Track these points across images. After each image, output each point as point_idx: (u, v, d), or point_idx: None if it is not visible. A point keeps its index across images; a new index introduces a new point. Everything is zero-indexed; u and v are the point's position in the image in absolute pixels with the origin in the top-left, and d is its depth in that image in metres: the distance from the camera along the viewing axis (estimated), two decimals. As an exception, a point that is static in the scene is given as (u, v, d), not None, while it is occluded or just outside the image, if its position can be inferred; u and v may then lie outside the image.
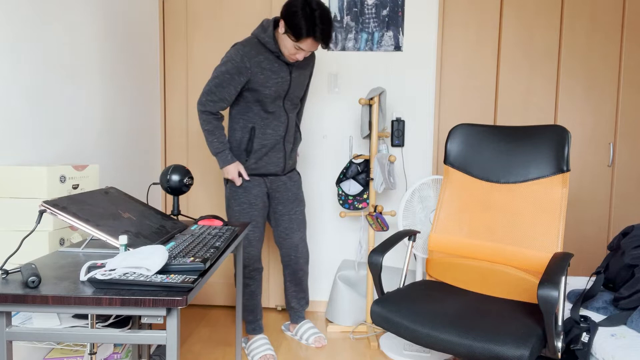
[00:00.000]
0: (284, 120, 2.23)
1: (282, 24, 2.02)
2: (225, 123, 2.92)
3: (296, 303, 2.54)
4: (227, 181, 2.28)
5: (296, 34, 1.97)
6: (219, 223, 1.76)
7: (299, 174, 2.45)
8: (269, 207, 2.38)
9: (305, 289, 2.54)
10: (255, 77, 2.10)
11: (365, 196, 2.64)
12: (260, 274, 2.37)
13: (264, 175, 2.28)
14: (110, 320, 1.63)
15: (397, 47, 2.83)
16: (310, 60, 2.30)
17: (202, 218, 1.76)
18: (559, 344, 1.42)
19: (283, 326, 2.71)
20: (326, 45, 2.05)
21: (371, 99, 2.53)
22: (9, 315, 1.10)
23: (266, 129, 2.20)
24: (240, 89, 2.12)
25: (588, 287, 2.05)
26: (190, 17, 2.89)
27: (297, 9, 1.95)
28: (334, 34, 2.80)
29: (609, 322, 1.73)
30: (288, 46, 2.05)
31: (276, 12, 2.86)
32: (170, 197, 3.00)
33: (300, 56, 2.08)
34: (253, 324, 2.41)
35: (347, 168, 2.65)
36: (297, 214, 2.39)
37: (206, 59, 2.91)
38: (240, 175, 2.22)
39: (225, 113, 2.94)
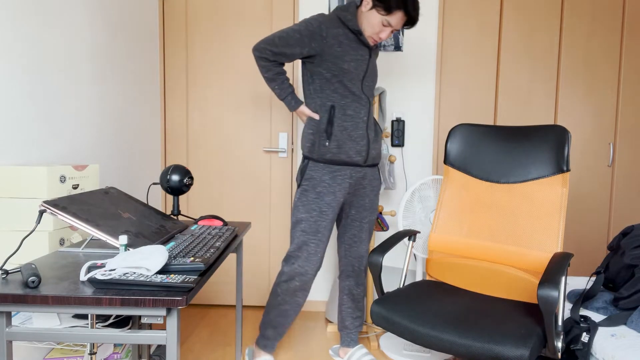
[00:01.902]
0: (365, 103, 2.02)
1: (367, 0, 1.94)
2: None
3: (351, 322, 2.26)
4: (300, 182, 2.05)
5: (386, 7, 1.88)
6: (219, 223, 1.76)
7: (380, 179, 2.21)
8: (341, 211, 2.16)
9: (362, 307, 2.27)
10: (331, 49, 1.94)
11: (365, 196, 2.64)
12: (305, 296, 2.06)
13: (347, 163, 2.01)
14: (110, 320, 1.63)
15: (397, 47, 2.83)
16: (377, 49, 2.19)
17: (202, 218, 1.76)
18: (559, 344, 1.42)
19: (331, 350, 2.41)
20: (412, 22, 1.95)
21: (371, 99, 2.52)
22: (9, 315, 1.10)
23: (346, 109, 1.98)
24: (306, 54, 1.96)
25: (588, 287, 2.05)
26: (190, 17, 2.89)
27: None
28: None
29: (609, 322, 1.73)
30: (374, 23, 1.94)
31: (277, 13, 2.86)
32: (170, 197, 3.00)
33: (384, 35, 1.96)
34: (269, 340, 2.12)
35: (347, 168, 2.65)
36: (369, 223, 2.16)
37: (206, 59, 2.91)
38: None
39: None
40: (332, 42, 1.94)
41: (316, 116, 2.00)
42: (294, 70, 2.88)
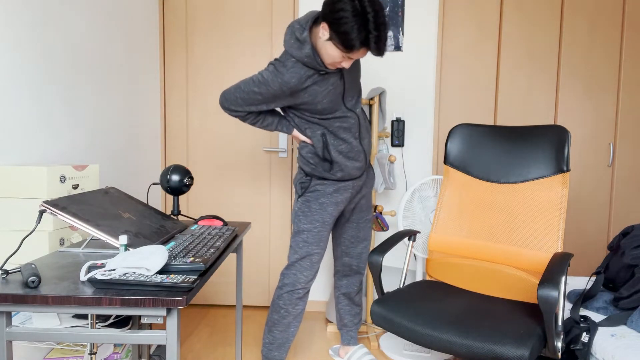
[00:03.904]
0: (354, 119, 1.92)
1: (325, 28, 1.65)
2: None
3: (350, 320, 2.25)
4: (302, 193, 2.00)
5: (347, 45, 1.62)
6: (219, 223, 1.76)
7: (373, 175, 2.18)
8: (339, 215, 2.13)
9: (360, 302, 2.27)
10: (299, 99, 1.80)
11: (365, 196, 2.63)
12: (304, 303, 2.04)
13: (349, 180, 1.99)
14: (110, 320, 1.63)
15: (397, 47, 2.83)
16: None
17: (202, 218, 1.76)
18: (559, 344, 1.42)
19: (331, 350, 2.41)
20: (381, 55, 1.69)
21: (371, 99, 2.52)
22: (9, 315, 1.10)
23: (337, 133, 1.89)
24: (274, 107, 1.87)
25: (588, 287, 2.05)
26: (190, 17, 2.89)
27: (347, 13, 1.56)
28: None
29: (609, 322, 1.73)
30: (333, 55, 1.68)
31: (277, 12, 2.86)
32: (170, 197, 3.00)
33: (345, 64, 1.72)
34: None
35: (347, 168, 2.65)
36: (366, 222, 2.15)
37: (206, 59, 2.91)
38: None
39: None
40: (298, 94, 1.79)
41: (309, 141, 1.93)
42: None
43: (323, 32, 1.66)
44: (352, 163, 1.94)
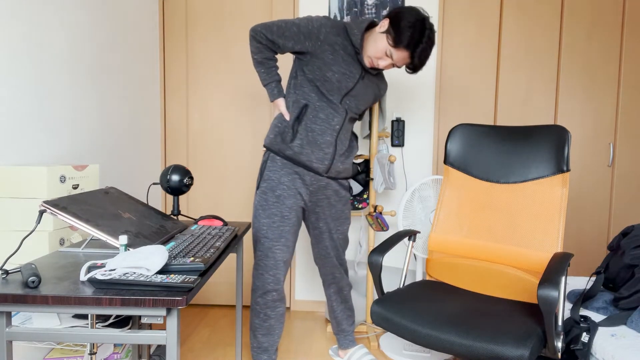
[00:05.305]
0: (341, 113, 1.94)
1: (385, 23, 1.84)
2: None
3: (346, 324, 2.26)
4: (258, 185, 1.99)
5: (396, 39, 1.80)
6: (219, 223, 1.76)
7: (350, 188, 2.18)
8: (307, 221, 2.11)
9: (352, 306, 2.28)
10: (323, 54, 1.87)
11: (365, 196, 2.64)
12: (284, 305, 2.03)
13: (305, 166, 1.94)
14: (110, 320, 1.63)
15: (397, 47, 2.83)
16: (382, 81, 2.10)
17: (202, 218, 1.76)
18: (559, 344, 1.42)
19: (331, 350, 2.42)
20: (414, 69, 1.88)
21: (371, 99, 2.52)
22: (9, 315, 1.10)
23: (319, 112, 1.91)
24: (298, 50, 1.90)
25: (588, 287, 2.05)
26: (190, 17, 2.90)
27: (411, 18, 1.79)
28: None
29: (609, 322, 1.73)
30: (379, 47, 1.85)
31: (276, 13, 2.86)
32: (170, 197, 3.00)
33: (382, 63, 1.88)
34: None
35: (347, 168, 2.65)
36: (338, 233, 2.12)
37: (206, 59, 2.91)
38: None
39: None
40: (326, 47, 1.87)
41: (287, 116, 1.94)
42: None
43: (382, 25, 1.86)
44: (314, 148, 1.91)
